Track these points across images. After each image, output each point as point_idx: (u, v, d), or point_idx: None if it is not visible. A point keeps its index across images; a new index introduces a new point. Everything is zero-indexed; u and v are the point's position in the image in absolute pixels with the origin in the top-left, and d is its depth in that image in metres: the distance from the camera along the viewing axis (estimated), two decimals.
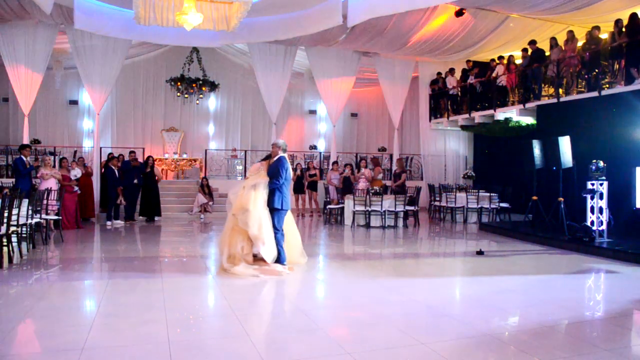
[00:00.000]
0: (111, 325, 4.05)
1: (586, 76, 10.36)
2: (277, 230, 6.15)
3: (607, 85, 9.86)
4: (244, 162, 15.17)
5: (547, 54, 11.51)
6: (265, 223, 6.01)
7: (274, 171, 6.16)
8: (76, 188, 10.22)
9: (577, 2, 9.68)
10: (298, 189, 13.10)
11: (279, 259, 6.12)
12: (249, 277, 5.76)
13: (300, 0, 10.81)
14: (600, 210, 8.17)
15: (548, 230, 9.20)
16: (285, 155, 6.35)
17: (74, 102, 15.40)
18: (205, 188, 12.71)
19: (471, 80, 13.99)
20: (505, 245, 8.74)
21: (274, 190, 6.13)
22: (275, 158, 6.30)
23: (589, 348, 3.66)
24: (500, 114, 12.88)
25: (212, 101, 16.57)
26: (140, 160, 12.47)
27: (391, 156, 16.01)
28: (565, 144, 9.04)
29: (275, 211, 6.13)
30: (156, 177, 11.82)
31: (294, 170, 13.09)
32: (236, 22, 8.87)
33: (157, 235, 9.97)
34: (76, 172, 10.61)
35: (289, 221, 6.56)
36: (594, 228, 8.11)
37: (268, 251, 5.99)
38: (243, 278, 5.71)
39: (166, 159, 15.04)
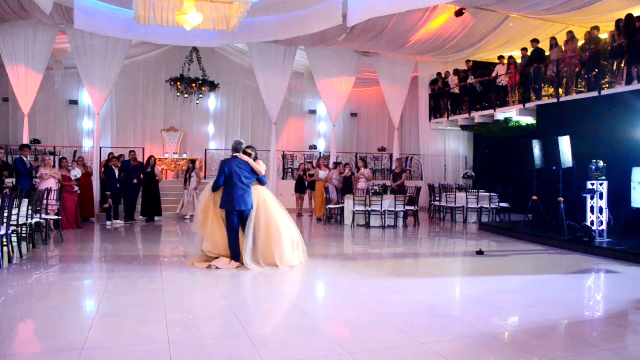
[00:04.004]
0: (111, 325, 4.05)
1: (586, 76, 10.35)
2: (228, 229, 6.24)
3: (607, 85, 9.85)
4: None
5: (547, 54, 11.51)
6: (211, 220, 6.33)
7: None
8: (76, 188, 10.22)
9: (577, 2, 9.68)
10: (299, 189, 13.09)
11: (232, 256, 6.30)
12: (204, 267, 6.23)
13: (300, 0, 10.81)
14: (600, 210, 8.16)
15: (548, 230, 9.19)
16: (239, 154, 6.26)
17: (74, 102, 15.38)
18: (187, 182, 12.28)
19: (471, 80, 13.99)
20: (505, 245, 8.74)
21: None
22: None
23: (589, 348, 3.66)
24: (500, 114, 12.87)
25: (212, 101, 16.56)
26: (141, 160, 12.44)
27: (391, 156, 16.00)
28: (565, 144, 9.04)
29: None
30: (157, 177, 11.81)
31: (296, 170, 13.06)
32: (236, 22, 8.88)
33: (157, 235, 9.97)
34: (76, 173, 10.61)
35: (255, 220, 6.26)
36: (594, 228, 8.10)
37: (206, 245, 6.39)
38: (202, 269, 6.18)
39: (166, 159, 15.04)
